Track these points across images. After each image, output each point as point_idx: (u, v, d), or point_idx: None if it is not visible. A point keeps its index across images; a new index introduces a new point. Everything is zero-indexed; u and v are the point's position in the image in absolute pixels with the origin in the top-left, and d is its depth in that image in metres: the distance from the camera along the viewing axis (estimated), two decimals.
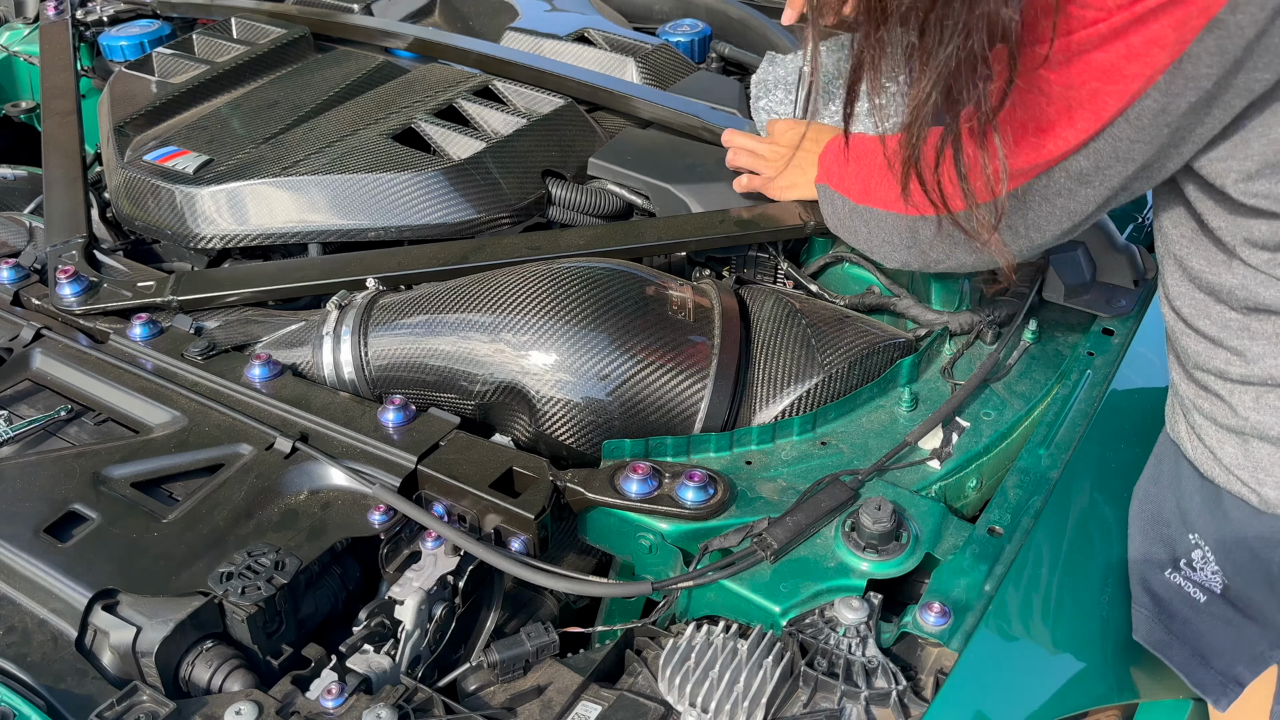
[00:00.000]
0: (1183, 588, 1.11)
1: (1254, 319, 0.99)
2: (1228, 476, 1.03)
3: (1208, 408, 1.05)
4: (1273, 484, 1.00)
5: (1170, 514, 1.12)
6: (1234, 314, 1.00)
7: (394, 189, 1.56)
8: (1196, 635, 1.12)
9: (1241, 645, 1.09)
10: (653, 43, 1.98)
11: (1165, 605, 1.13)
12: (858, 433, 1.25)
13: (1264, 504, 1.01)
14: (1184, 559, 1.10)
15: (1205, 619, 1.11)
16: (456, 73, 1.86)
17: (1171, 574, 1.12)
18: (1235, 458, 1.03)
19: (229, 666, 1.01)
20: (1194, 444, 1.08)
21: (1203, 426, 1.06)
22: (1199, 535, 1.09)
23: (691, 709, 0.98)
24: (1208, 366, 1.04)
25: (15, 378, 1.36)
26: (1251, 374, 1.00)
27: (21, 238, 1.66)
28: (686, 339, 1.27)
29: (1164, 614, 1.14)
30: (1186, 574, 1.11)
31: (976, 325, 1.38)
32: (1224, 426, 1.03)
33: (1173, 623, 1.13)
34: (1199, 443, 1.07)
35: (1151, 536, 1.14)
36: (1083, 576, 1.18)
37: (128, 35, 2.23)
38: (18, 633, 1.02)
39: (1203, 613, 1.10)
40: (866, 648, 1.01)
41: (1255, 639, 1.08)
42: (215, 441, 1.23)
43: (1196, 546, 1.09)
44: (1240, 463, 1.02)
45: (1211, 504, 1.06)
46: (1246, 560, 1.05)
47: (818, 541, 1.10)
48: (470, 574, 1.12)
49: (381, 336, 1.33)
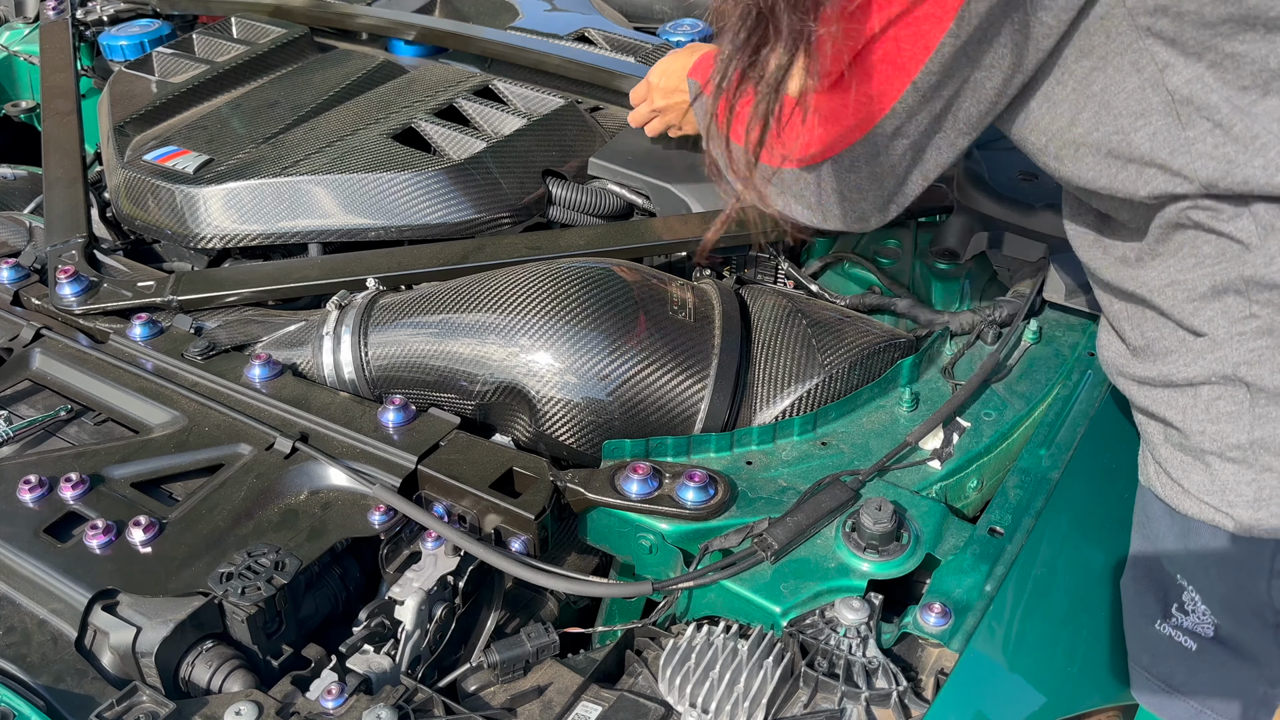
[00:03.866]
0: (1173, 638, 1.09)
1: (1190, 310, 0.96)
2: (1199, 506, 1.00)
3: (1165, 436, 1.03)
4: (1243, 505, 0.97)
5: (1153, 560, 1.09)
6: (1164, 319, 0.99)
7: (394, 189, 1.56)
8: (1197, 688, 1.09)
9: (1243, 690, 1.06)
10: (653, 42, 1.98)
11: (1162, 662, 1.11)
12: (858, 433, 1.25)
13: (1240, 528, 0.98)
14: (1175, 604, 1.08)
15: (1201, 669, 1.08)
16: (456, 72, 1.86)
17: (1162, 624, 1.09)
18: (1202, 484, 0.99)
19: (229, 667, 1.01)
20: (1163, 482, 1.04)
21: (1168, 460, 1.03)
22: (1184, 576, 1.06)
23: (692, 709, 0.98)
24: (1153, 379, 1.01)
25: (15, 378, 1.36)
26: (1195, 374, 0.97)
27: (21, 237, 1.66)
28: (687, 339, 1.27)
29: (1161, 670, 1.11)
30: (1178, 620, 1.08)
31: (977, 325, 1.38)
32: (1185, 451, 1.00)
33: (1172, 678, 1.11)
34: (1167, 478, 1.03)
35: (1142, 588, 1.12)
36: (1083, 577, 1.18)
37: (128, 35, 2.23)
38: (18, 633, 1.02)
39: (1197, 663, 1.08)
40: (867, 648, 1.01)
41: (1254, 680, 1.06)
42: (215, 441, 1.23)
43: (1184, 588, 1.06)
44: (1208, 488, 0.99)
45: (1187, 538, 1.03)
46: (1232, 593, 1.03)
47: (818, 542, 1.10)
48: (470, 574, 1.12)
49: (381, 336, 1.33)
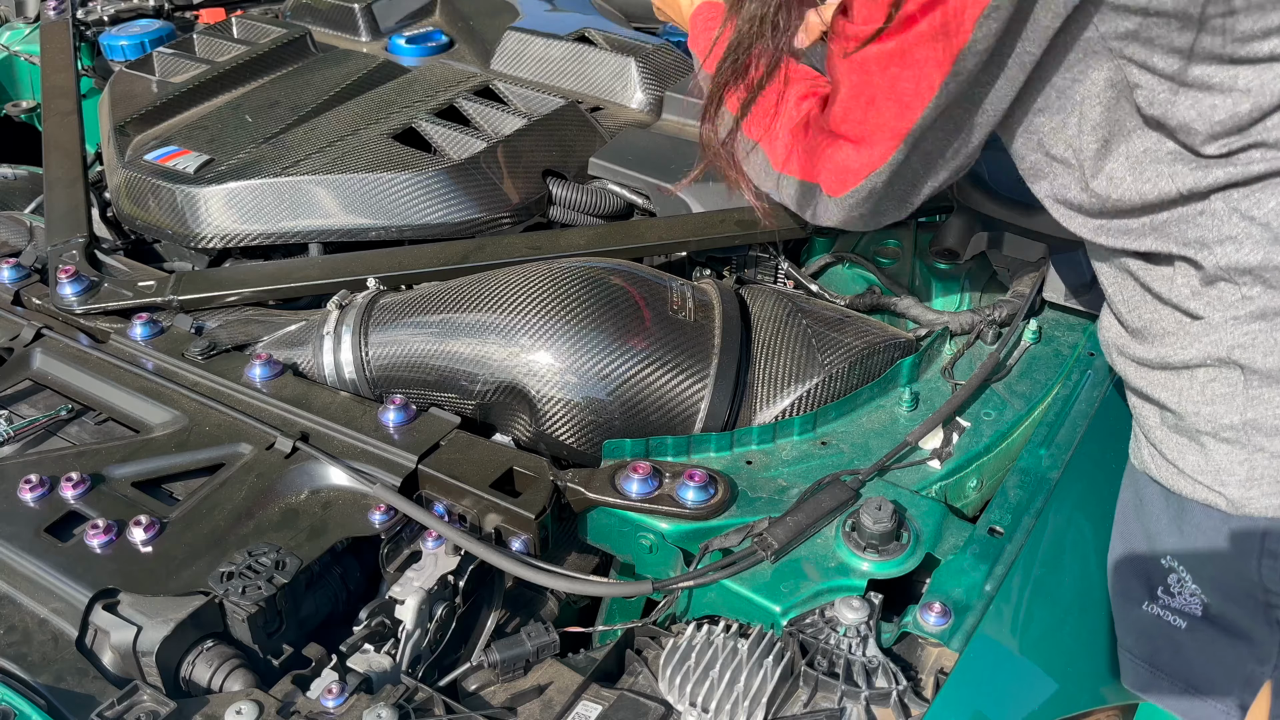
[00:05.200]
0: (1161, 618, 1.08)
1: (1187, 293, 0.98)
2: (1193, 485, 1.00)
3: (1161, 419, 1.03)
4: (1235, 484, 0.97)
5: (1140, 543, 1.09)
6: (1161, 302, 1.00)
7: (394, 189, 1.56)
8: (1185, 667, 1.09)
9: (1232, 668, 1.06)
10: (654, 42, 1.98)
11: (1148, 642, 1.11)
12: (858, 433, 1.25)
13: (1231, 505, 0.98)
14: (1160, 586, 1.08)
15: (1190, 648, 1.07)
16: (457, 72, 1.86)
17: (1149, 605, 1.09)
18: (1197, 464, 1.00)
19: (229, 666, 1.01)
20: (1158, 464, 1.05)
21: (1163, 442, 1.03)
22: (1172, 556, 1.06)
23: (692, 709, 0.98)
24: (1150, 360, 1.02)
25: (16, 377, 1.36)
26: (1191, 357, 0.98)
27: (22, 237, 1.66)
28: (687, 339, 1.27)
29: (1146, 651, 1.11)
30: (1165, 602, 1.08)
31: (977, 325, 1.38)
32: (1181, 432, 1.01)
33: (1158, 658, 1.10)
34: (1162, 460, 1.04)
35: (1125, 571, 1.12)
36: (1083, 576, 1.18)
37: (128, 35, 2.23)
38: (18, 632, 1.02)
39: (1186, 641, 1.07)
40: (867, 647, 1.01)
41: (1244, 658, 1.05)
42: (216, 441, 1.23)
43: (1171, 570, 1.06)
44: (1202, 468, 0.99)
45: (1180, 519, 1.03)
46: (1223, 571, 1.02)
47: (818, 541, 1.10)
48: (471, 574, 1.12)
49: (382, 336, 1.33)
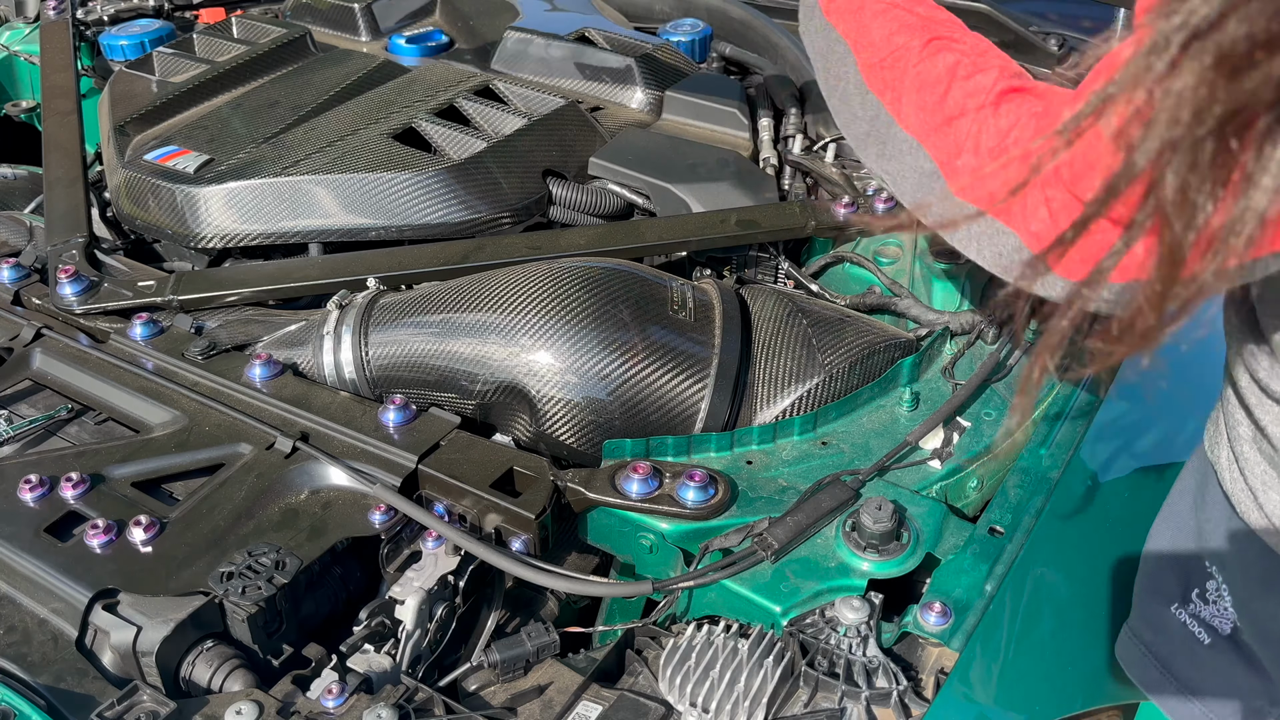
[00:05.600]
0: (1188, 626, 1.04)
1: None
2: (1265, 523, 0.90)
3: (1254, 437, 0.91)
4: None
5: (1188, 538, 1.03)
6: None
7: (394, 189, 1.56)
8: (1197, 680, 1.06)
9: (1244, 697, 1.02)
10: (654, 42, 1.98)
11: (1167, 644, 1.07)
12: (858, 433, 1.25)
13: None
14: (1197, 589, 1.02)
15: (1208, 666, 1.04)
16: (457, 72, 1.86)
17: (1178, 609, 1.05)
18: (1277, 505, 0.90)
19: (229, 666, 1.01)
20: (1233, 476, 0.94)
21: (1249, 460, 0.92)
22: (1215, 563, 1.00)
23: (692, 709, 0.98)
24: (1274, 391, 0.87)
25: (15, 377, 1.36)
26: None
27: (22, 237, 1.66)
28: (687, 339, 1.27)
29: (1163, 652, 1.07)
30: (1196, 609, 1.03)
31: (977, 325, 1.38)
32: (1272, 465, 0.89)
33: (1173, 663, 1.06)
34: (1239, 477, 0.93)
35: (1165, 562, 1.06)
36: (1083, 576, 1.18)
37: (128, 35, 2.23)
38: (18, 632, 1.02)
39: (1206, 659, 1.03)
40: (867, 647, 1.01)
41: (1258, 692, 1.01)
42: (215, 441, 1.23)
43: (1212, 577, 1.01)
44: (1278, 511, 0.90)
45: (1240, 546, 0.95)
46: (1264, 613, 0.96)
47: (818, 541, 1.10)
48: (471, 574, 1.12)
49: (382, 336, 1.32)
